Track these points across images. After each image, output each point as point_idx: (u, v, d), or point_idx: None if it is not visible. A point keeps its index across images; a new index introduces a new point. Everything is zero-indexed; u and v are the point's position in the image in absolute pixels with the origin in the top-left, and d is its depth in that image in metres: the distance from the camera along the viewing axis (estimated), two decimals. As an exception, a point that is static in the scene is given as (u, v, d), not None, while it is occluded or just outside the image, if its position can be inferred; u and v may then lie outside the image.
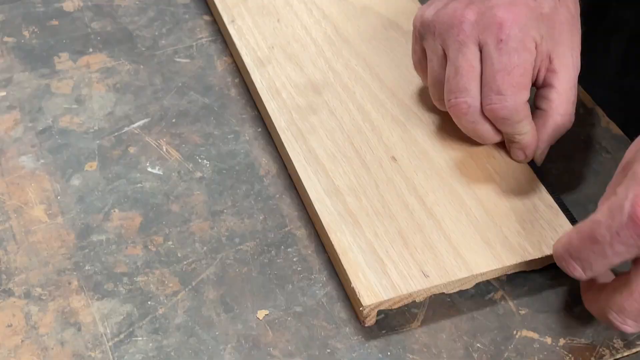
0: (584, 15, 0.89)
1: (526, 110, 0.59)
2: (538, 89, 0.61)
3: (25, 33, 0.72)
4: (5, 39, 0.71)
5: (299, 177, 0.60)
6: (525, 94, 0.59)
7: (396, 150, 0.62)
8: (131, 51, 0.71)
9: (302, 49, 0.69)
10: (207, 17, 0.74)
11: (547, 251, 0.55)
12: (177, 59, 0.70)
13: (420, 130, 0.63)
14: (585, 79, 0.90)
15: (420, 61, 0.63)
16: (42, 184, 0.61)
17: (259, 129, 0.65)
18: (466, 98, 0.59)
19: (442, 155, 0.61)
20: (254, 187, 0.61)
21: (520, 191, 0.59)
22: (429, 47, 0.61)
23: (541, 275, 0.56)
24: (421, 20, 0.61)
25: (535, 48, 0.59)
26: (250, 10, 0.72)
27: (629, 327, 0.50)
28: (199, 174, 0.62)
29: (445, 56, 0.60)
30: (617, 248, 0.47)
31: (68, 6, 0.74)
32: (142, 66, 0.70)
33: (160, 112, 0.66)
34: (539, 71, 0.61)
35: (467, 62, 0.58)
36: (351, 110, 0.64)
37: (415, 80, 0.66)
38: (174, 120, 0.65)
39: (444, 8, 0.60)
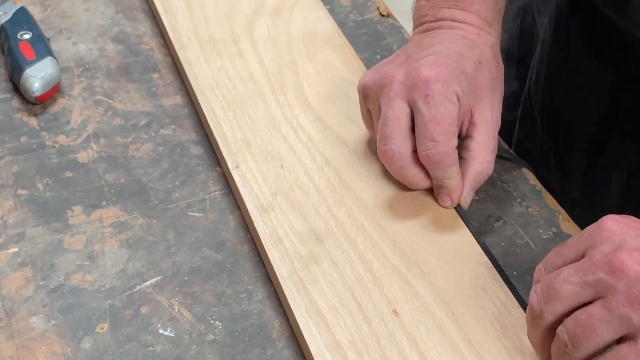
0: (586, 148, 0.91)
1: (455, 155, 0.67)
2: (461, 140, 0.68)
3: (39, 185, 0.72)
4: (19, 191, 0.72)
5: (300, 329, 0.59)
6: (455, 141, 0.66)
7: (397, 302, 0.61)
8: (144, 204, 0.71)
9: (305, 196, 0.69)
10: (219, 169, 0.74)
11: None
12: (190, 213, 0.70)
13: (422, 282, 0.63)
14: (586, 210, 0.91)
15: (369, 121, 0.72)
16: (52, 347, 0.60)
17: (272, 288, 0.65)
18: (392, 145, 0.67)
19: (443, 308, 0.61)
20: (266, 352, 0.60)
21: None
22: (371, 107, 0.70)
23: None
24: (362, 85, 0.71)
25: (458, 101, 0.67)
26: (255, 156, 0.73)
27: None
28: (211, 337, 0.61)
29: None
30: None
31: (82, 157, 0.75)
32: (155, 220, 0.70)
33: (172, 269, 0.66)
34: (462, 123, 0.68)
35: (394, 115, 0.66)
36: (353, 260, 0.64)
37: (417, 230, 0.66)
38: (186, 278, 0.65)
39: (379, 72, 0.69)
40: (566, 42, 0.89)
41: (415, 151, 0.67)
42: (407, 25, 0.88)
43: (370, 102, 0.70)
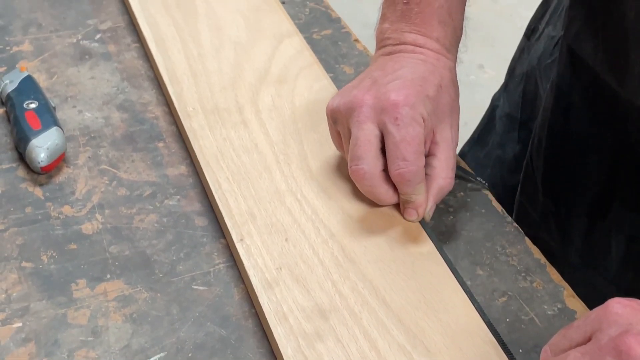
0: (586, 213, 0.91)
1: (423, 173, 0.72)
2: (425, 158, 0.72)
3: (44, 257, 0.72)
4: (24, 264, 0.72)
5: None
6: (423, 159, 0.71)
7: (407, 384, 0.61)
8: (149, 277, 0.71)
9: (309, 271, 0.69)
10: (223, 241, 0.75)
11: None
12: (195, 287, 0.70)
13: (428, 361, 0.63)
14: (586, 275, 0.91)
15: (339, 143, 0.76)
16: None
17: (276, 365, 0.65)
18: (363, 165, 0.71)
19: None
20: None
21: None
22: (341, 129, 0.75)
23: None
24: (331, 109, 0.75)
25: (423, 122, 0.71)
26: (259, 229, 0.73)
27: None
28: (215, 416, 0.61)
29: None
30: None
31: (87, 228, 0.75)
32: (159, 294, 0.70)
33: (177, 345, 0.65)
34: (425, 142, 0.72)
35: (365, 137, 0.71)
36: (358, 338, 0.64)
37: (421, 306, 0.66)
38: (190, 355, 0.65)
39: (348, 96, 0.73)
40: (567, 108, 0.91)
41: (384, 170, 0.72)
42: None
43: (340, 125, 0.74)
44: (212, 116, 0.84)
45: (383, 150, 0.72)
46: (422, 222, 0.74)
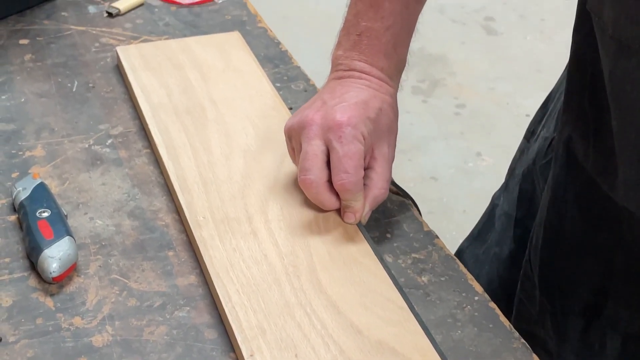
0: (582, 312, 0.92)
1: (362, 183, 0.84)
2: (364, 171, 0.84)
3: (54, 371, 0.72)
4: (34, 378, 0.72)
5: None
6: (362, 172, 0.83)
7: None
8: (158, 393, 0.71)
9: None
10: (233, 355, 0.75)
11: None
12: (204, 403, 0.71)
13: None
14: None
15: (293, 157, 0.88)
16: None
17: None
18: (310, 175, 0.83)
19: None
20: None
21: None
22: (294, 145, 0.87)
23: None
24: (287, 127, 0.87)
25: (364, 140, 0.83)
26: (269, 344, 0.73)
27: None
28: None
29: None
30: None
31: (97, 340, 0.75)
32: (169, 411, 0.70)
33: None
34: (365, 157, 0.84)
35: (313, 151, 0.83)
36: None
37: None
38: None
39: (301, 115, 0.85)
40: (563, 208, 0.93)
41: (328, 180, 0.84)
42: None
43: (294, 140, 0.87)
44: (222, 226, 0.85)
45: (328, 163, 0.84)
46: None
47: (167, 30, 1.18)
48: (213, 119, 0.99)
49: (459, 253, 1.20)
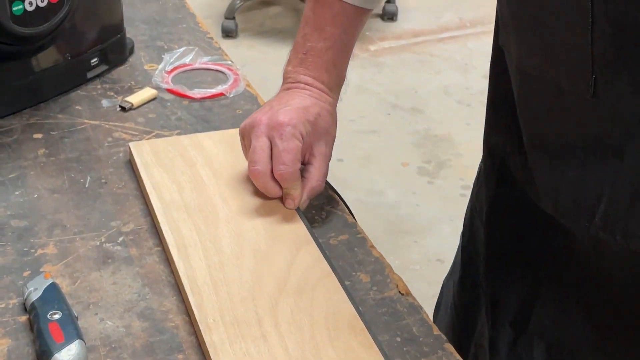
0: (511, 323, 1.04)
1: (299, 175, 0.99)
2: (304, 166, 1.01)
3: None
4: None
5: None
6: (299, 165, 0.99)
7: None
8: None
9: None
10: None
11: None
12: None
13: None
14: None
15: (246, 152, 1.03)
16: None
17: None
18: (257, 167, 0.98)
19: None
20: None
21: None
22: (246, 142, 1.02)
23: None
24: (241, 128, 1.03)
25: (302, 139, 0.98)
26: None
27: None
28: None
29: None
30: None
31: None
32: None
33: None
34: (305, 154, 1.00)
35: (260, 146, 0.98)
36: None
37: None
38: None
39: (252, 118, 1.02)
40: (498, 222, 1.07)
41: (272, 171, 0.98)
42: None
43: (246, 138, 1.02)
44: (232, 329, 0.85)
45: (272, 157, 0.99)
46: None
47: (179, 125, 1.20)
48: (224, 217, 1.00)
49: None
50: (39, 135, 1.16)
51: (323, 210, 1.06)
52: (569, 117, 0.88)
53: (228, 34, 3.70)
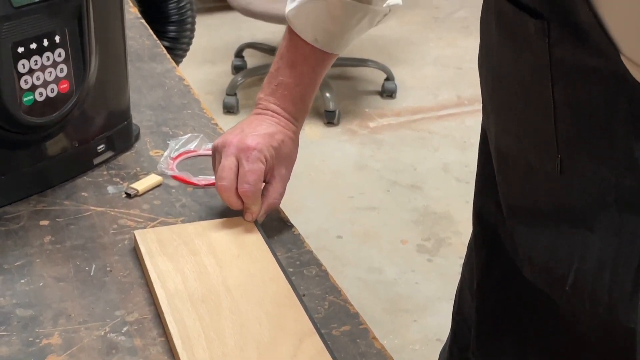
0: None
1: (259, 193, 1.14)
2: (264, 184, 1.15)
3: None
4: None
5: None
6: (261, 185, 1.14)
7: None
8: None
9: None
10: None
11: None
12: None
13: None
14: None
15: (215, 168, 1.15)
16: None
17: None
18: (224, 183, 1.12)
19: None
20: None
21: None
22: (217, 159, 1.15)
23: None
24: (214, 146, 1.17)
25: (266, 162, 1.13)
26: None
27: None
28: None
29: None
30: None
31: None
32: None
33: None
34: (266, 175, 1.14)
35: (228, 165, 1.12)
36: None
37: None
38: None
39: (224, 137, 1.15)
40: (487, 293, 1.13)
41: (237, 188, 1.12)
42: None
43: (217, 155, 1.15)
44: None
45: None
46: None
47: (183, 212, 1.22)
48: (228, 307, 1.01)
49: None
50: (45, 222, 1.18)
51: (325, 300, 1.07)
52: (540, 191, 0.97)
53: (229, 109, 3.75)
